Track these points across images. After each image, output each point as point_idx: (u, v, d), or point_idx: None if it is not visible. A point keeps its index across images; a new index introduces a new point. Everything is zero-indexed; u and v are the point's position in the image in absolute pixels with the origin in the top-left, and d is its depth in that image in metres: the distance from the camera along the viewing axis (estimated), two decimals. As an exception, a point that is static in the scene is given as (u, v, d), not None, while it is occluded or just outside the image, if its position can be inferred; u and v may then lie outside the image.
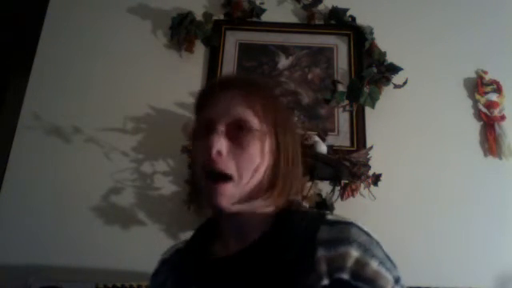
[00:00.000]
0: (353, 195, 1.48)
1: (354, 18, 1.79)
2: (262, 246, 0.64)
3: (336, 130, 1.64)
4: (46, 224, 1.51)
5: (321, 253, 0.61)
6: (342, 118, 1.66)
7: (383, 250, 0.63)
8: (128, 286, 1.31)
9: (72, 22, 1.81)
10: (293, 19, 1.83)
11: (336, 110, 1.66)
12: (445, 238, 1.50)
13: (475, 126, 1.69)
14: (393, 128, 1.65)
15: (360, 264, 0.60)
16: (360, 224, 0.65)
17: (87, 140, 1.62)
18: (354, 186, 1.47)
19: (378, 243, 0.64)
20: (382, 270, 0.60)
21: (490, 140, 1.64)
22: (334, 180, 1.51)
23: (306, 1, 1.82)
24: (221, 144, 0.65)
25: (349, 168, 1.45)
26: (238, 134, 0.66)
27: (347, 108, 1.64)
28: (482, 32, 1.82)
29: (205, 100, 0.72)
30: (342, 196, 1.48)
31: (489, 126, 1.67)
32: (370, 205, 1.47)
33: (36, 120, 1.65)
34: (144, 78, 1.72)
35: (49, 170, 1.59)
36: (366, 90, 1.61)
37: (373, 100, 1.61)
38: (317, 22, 1.80)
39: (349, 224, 0.64)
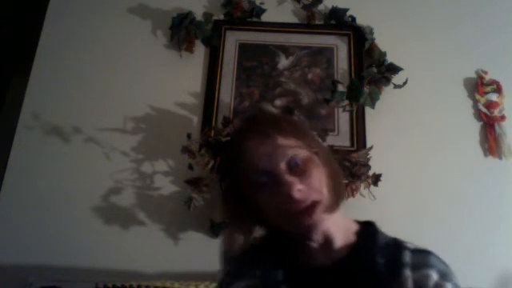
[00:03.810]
0: (353, 195, 1.47)
1: (353, 18, 1.79)
2: (354, 258, 0.74)
3: (336, 130, 1.64)
4: (46, 224, 1.51)
5: (407, 273, 0.72)
6: (342, 118, 1.66)
7: (455, 278, 0.74)
8: (128, 286, 1.31)
9: (72, 22, 1.81)
10: (293, 19, 1.83)
11: (336, 110, 1.66)
12: (444, 238, 1.50)
13: (475, 126, 1.69)
14: (393, 128, 1.65)
15: (438, 286, 0.71)
16: (436, 254, 0.76)
17: (87, 140, 1.62)
18: (353, 186, 1.47)
19: (451, 272, 0.75)
20: None
21: (490, 140, 1.64)
22: (334, 180, 1.50)
23: (306, 1, 1.81)
24: (295, 183, 0.70)
25: (349, 168, 1.46)
26: (297, 168, 0.72)
27: (347, 108, 1.64)
28: (482, 32, 1.82)
29: (244, 153, 0.75)
30: (342, 196, 1.48)
31: (489, 126, 1.66)
32: (369, 205, 1.47)
33: (36, 120, 1.65)
34: (144, 78, 1.72)
35: (49, 170, 1.59)
36: (366, 90, 1.61)
37: (373, 100, 1.61)
38: (317, 22, 1.80)
39: (429, 252, 0.76)
